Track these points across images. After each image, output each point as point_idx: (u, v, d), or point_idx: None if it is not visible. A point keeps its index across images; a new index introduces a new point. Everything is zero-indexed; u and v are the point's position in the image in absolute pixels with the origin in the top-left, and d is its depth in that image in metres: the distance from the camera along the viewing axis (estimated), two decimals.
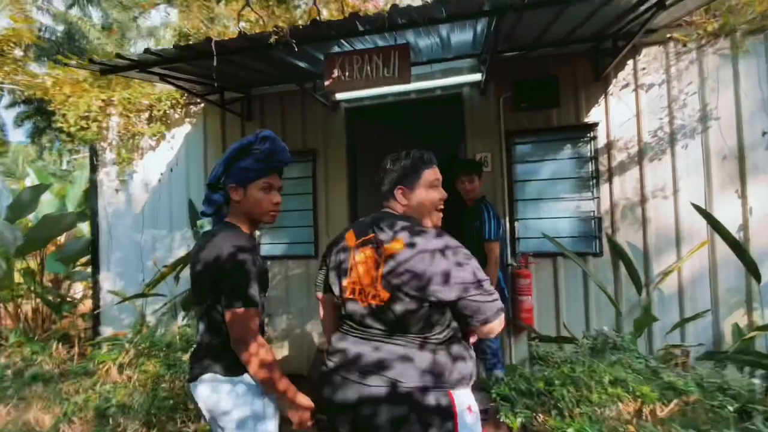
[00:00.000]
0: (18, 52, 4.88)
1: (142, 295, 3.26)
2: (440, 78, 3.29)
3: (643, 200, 2.99)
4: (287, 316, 3.65)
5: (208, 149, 3.93)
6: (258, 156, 1.36)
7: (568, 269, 3.10)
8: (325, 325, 1.43)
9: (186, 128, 4.03)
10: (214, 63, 2.21)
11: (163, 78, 2.94)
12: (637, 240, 3.01)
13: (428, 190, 1.27)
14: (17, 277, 4.53)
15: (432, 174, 1.28)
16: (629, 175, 3.03)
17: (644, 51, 3.03)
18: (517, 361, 3.17)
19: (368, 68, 2.16)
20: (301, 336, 3.60)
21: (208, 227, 2.14)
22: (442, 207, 1.32)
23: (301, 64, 3.02)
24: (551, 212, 3.19)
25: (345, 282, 1.21)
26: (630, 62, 3.05)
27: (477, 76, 3.19)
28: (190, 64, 2.74)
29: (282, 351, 3.63)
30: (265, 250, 3.76)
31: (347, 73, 2.17)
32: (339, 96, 3.47)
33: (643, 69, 3.03)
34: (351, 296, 1.19)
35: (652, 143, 3.00)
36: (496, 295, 1.12)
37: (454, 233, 1.34)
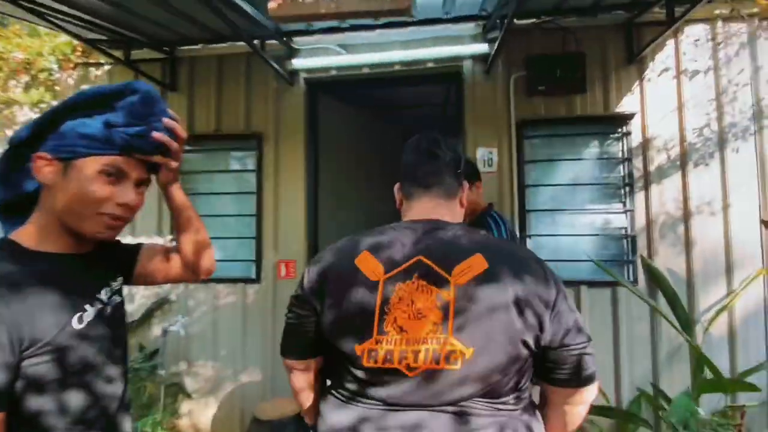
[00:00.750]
0: None
1: None
2: (434, 46, 2.55)
3: (687, 215, 2.42)
4: (213, 363, 2.69)
5: None
6: (112, 117, 0.76)
7: (594, 302, 2.45)
8: (306, 400, 0.92)
9: None
10: None
11: (17, 2, 1.96)
12: (678, 266, 2.43)
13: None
14: None
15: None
16: (670, 183, 2.45)
17: (687, 29, 2.49)
18: None
19: None
20: (232, 393, 2.66)
21: None
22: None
23: (246, 7, 2.15)
24: (571, 228, 2.53)
25: (369, 341, 0.74)
26: (671, 42, 2.49)
27: (483, 48, 2.49)
28: None
29: (205, 411, 2.67)
30: None
31: None
32: (297, 63, 2.64)
33: (686, 52, 2.48)
34: (384, 364, 0.72)
35: (697, 144, 2.44)
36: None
37: None
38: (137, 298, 2.80)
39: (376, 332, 0.73)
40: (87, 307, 0.76)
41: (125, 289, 0.97)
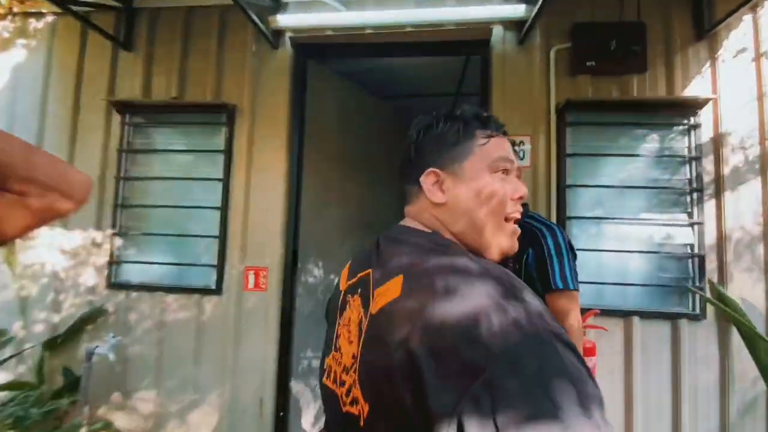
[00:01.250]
0: None
1: None
2: (455, 5, 2.05)
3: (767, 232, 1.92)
4: (157, 394, 2.11)
5: (50, 90, 2.38)
6: None
7: (647, 339, 1.94)
8: None
9: (18, 54, 2.44)
10: None
11: None
12: (756, 297, 1.92)
13: (490, 174, 0.60)
14: None
15: (499, 146, 0.62)
16: (747, 191, 1.95)
17: None
18: None
19: None
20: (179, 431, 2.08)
21: None
22: (518, 215, 0.62)
23: None
24: (620, 241, 2.02)
25: (329, 357, 0.63)
26: (748, 18, 2.02)
27: (518, 10, 1.99)
28: None
29: None
30: (127, 273, 2.22)
31: None
32: (283, 20, 2.12)
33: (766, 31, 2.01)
34: (333, 385, 0.60)
35: None
36: None
37: None
38: (65, 306, 2.22)
39: (334, 348, 0.62)
40: None
41: None
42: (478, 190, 0.59)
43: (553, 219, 1.98)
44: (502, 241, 0.60)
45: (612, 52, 1.99)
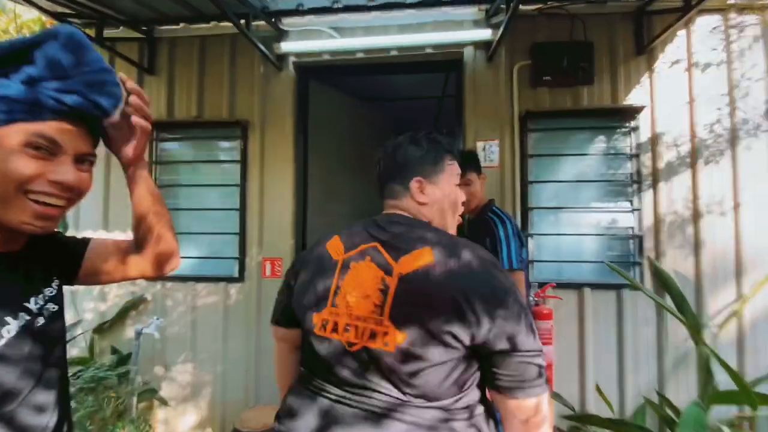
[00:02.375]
0: None
1: None
2: (433, 31, 2.43)
3: (696, 216, 2.34)
4: (192, 365, 2.55)
5: None
6: (32, 70, 0.60)
7: (598, 306, 2.36)
8: (280, 374, 1.05)
9: None
10: None
11: None
12: (687, 269, 2.35)
13: (452, 185, 0.94)
14: None
15: (456, 167, 0.96)
16: (679, 181, 2.37)
17: (700, 20, 2.41)
18: None
19: None
20: (212, 400, 2.52)
21: None
22: (461, 213, 0.98)
23: None
24: (574, 226, 2.45)
25: (323, 312, 0.82)
26: (682, 33, 2.41)
27: (485, 34, 2.38)
28: None
29: (183, 420, 2.52)
30: None
31: None
32: (286, 46, 2.50)
33: (698, 43, 2.40)
34: (331, 334, 0.80)
35: (708, 140, 2.36)
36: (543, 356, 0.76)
37: None
38: (110, 297, 2.64)
39: (330, 304, 0.81)
40: (8, 319, 0.62)
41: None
42: (448, 194, 0.92)
43: (518, 210, 2.40)
44: (450, 222, 0.94)
45: (565, 67, 2.38)
